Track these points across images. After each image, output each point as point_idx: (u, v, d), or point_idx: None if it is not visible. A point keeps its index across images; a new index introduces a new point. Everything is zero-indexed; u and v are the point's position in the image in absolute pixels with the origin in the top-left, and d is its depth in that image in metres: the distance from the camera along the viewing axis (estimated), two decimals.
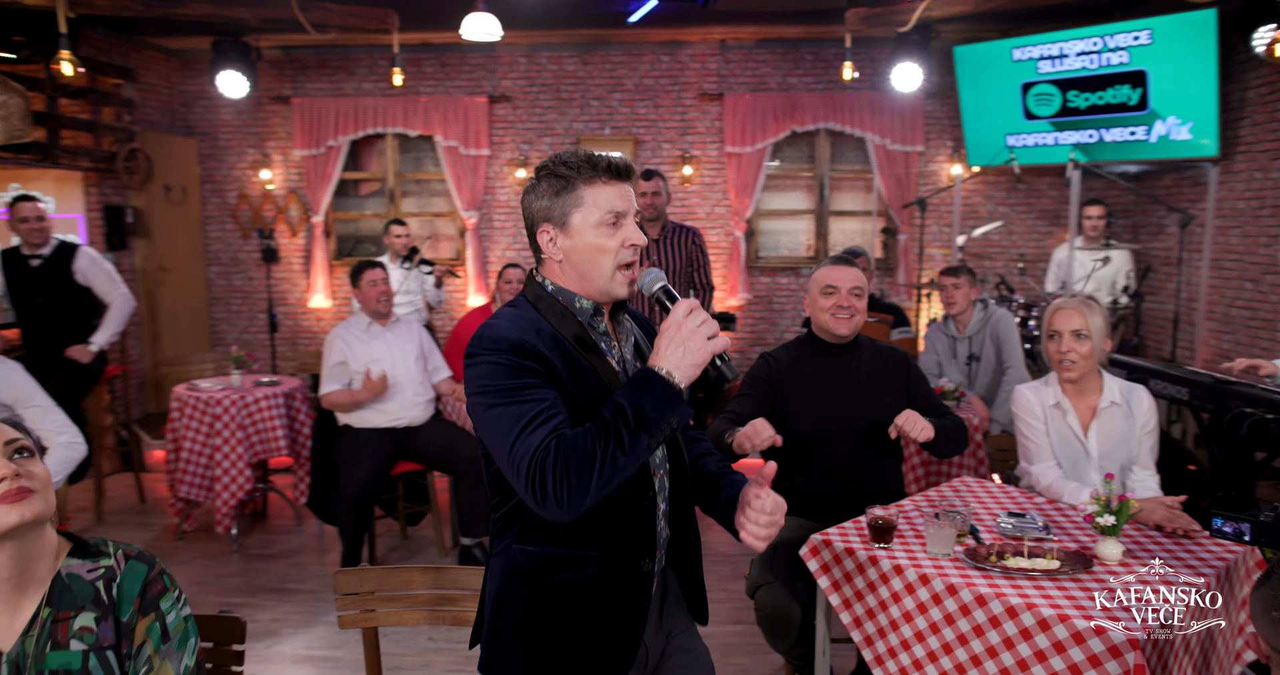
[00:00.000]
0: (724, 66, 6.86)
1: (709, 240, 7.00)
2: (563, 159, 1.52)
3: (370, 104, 6.86)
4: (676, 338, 1.41)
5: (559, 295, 1.55)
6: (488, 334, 1.47)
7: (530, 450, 1.36)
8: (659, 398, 1.37)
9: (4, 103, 4.86)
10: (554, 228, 1.52)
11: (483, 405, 1.44)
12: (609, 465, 1.34)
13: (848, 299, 2.72)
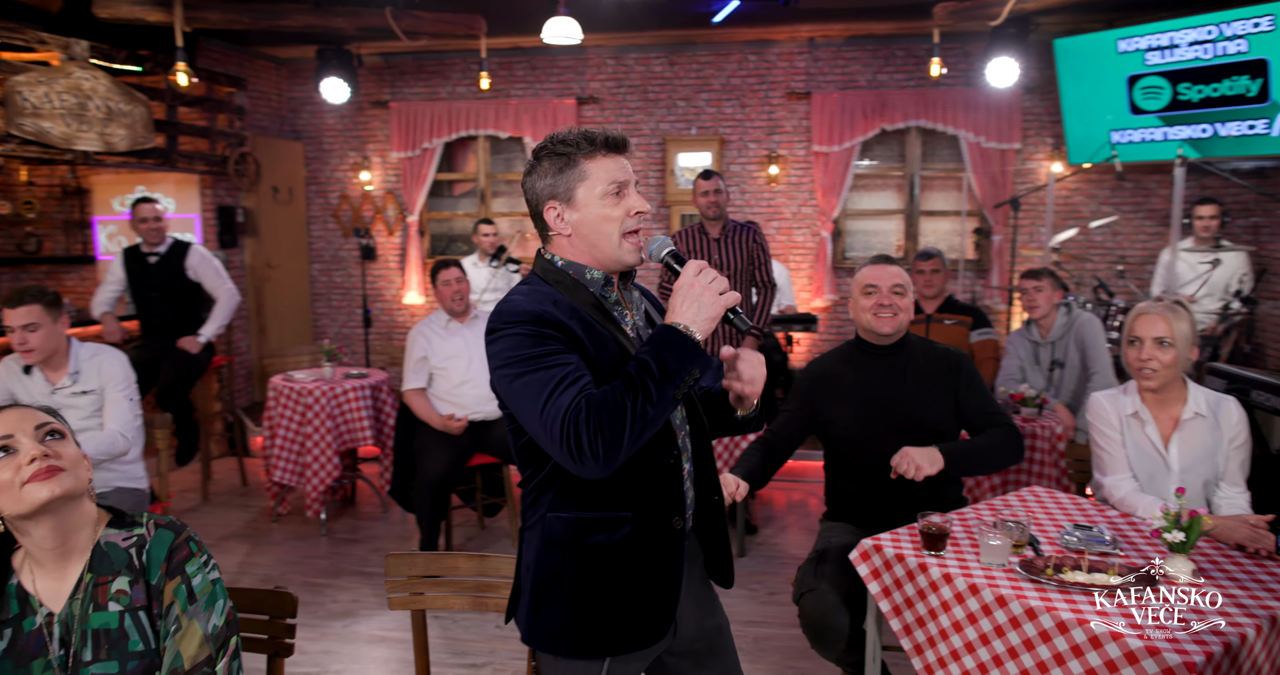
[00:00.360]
0: (812, 65, 6.77)
1: (794, 240, 6.93)
2: (560, 138, 1.57)
3: (463, 107, 7.08)
4: (690, 295, 1.47)
5: (569, 269, 1.60)
6: (506, 309, 1.52)
7: (562, 409, 1.40)
8: (680, 350, 1.43)
9: (129, 112, 5.25)
10: (560, 203, 1.57)
11: (509, 376, 1.48)
12: (639, 418, 1.40)
13: (889, 297, 2.66)
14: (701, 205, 4.58)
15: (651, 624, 1.61)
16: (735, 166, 6.95)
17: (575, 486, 1.55)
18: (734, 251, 4.63)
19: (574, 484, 1.55)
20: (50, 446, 1.51)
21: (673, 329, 1.45)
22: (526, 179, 1.61)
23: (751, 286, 4.75)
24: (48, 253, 6.51)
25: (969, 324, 4.44)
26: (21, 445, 1.49)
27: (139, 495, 3.32)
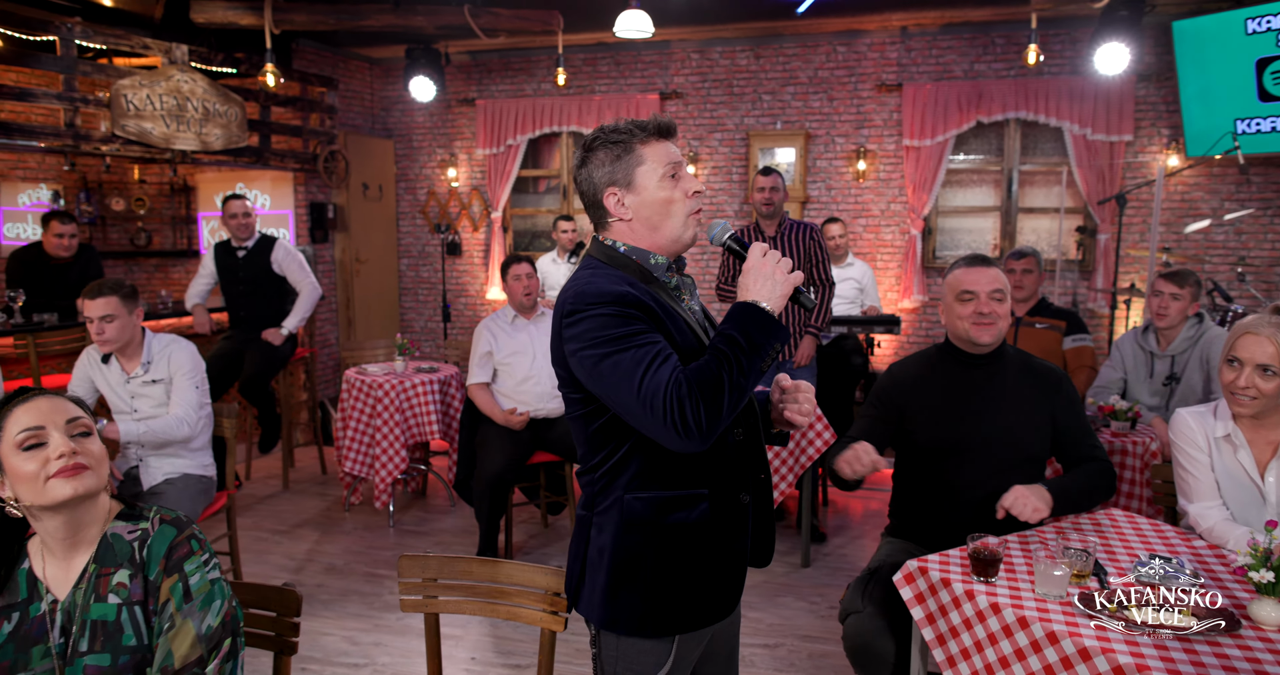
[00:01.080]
0: (904, 55, 6.48)
1: (882, 239, 6.66)
2: (611, 128, 1.64)
3: (547, 104, 7.10)
4: (761, 273, 1.56)
5: (633, 254, 1.64)
6: (588, 291, 1.54)
7: (663, 384, 1.44)
8: (762, 325, 1.51)
9: (225, 112, 5.47)
10: (620, 189, 1.62)
11: (596, 357, 1.50)
12: (735, 389, 1.46)
13: (988, 304, 2.44)
14: (756, 201, 4.48)
15: (721, 600, 1.68)
16: (821, 162, 6.73)
17: (654, 466, 1.59)
18: (791, 249, 4.50)
19: (653, 464, 1.59)
20: (79, 444, 1.52)
21: (751, 305, 1.53)
22: (581, 170, 1.66)
23: (809, 285, 4.58)
24: (156, 247, 6.88)
25: (1062, 329, 4.13)
26: (51, 439, 1.50)
27: (205, 482, 3.43)
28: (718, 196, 6.98)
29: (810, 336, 4.54)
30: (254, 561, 4.22)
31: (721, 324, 1.56)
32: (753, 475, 1.74)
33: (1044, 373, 2.49)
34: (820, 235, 4.55)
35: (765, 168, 4.48)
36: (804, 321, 4.55)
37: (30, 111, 5.42)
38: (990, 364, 2.51)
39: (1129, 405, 3.41)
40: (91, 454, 1.52)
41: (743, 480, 1.69)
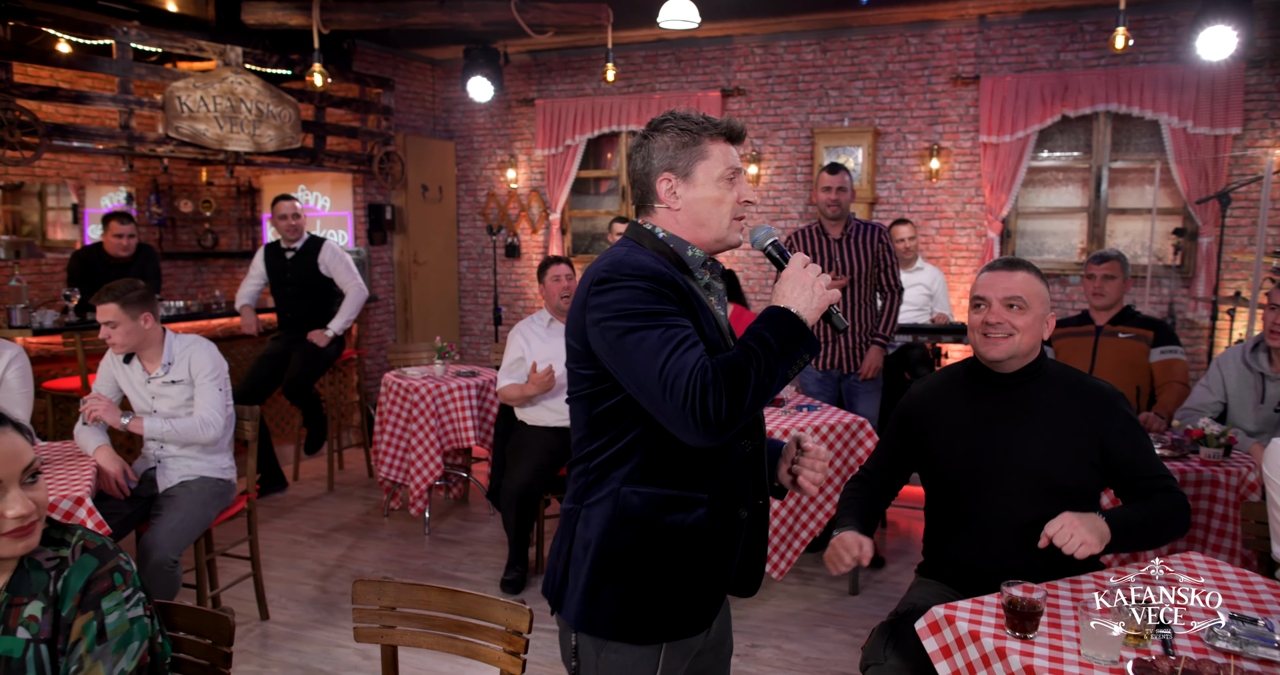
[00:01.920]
0: (982, 46, 6.06)
1: (956, 242, 6.24)
2: (686, 116, 1.61)
3: (606, 103, 6.94)
4: (800, 283, 1.52)
5: (670, 242, 1.61)
6: (628, 261, 1.50)
7: (688, 367, 1.39)
8: (793, 332, 1.47)
9: (278, 113, 5.49)
10: (676, 177, 1.59)
11: (621, 329, 1.45)
12: (759, 388, 1.42)
13: (999, 313, 2.11)
14: (822, 201, 4.16)
15: (703, 611, 1.61)
16: (892, 160, 6.36)
17: (657, 460, 1.54)
18: (857, 253, 4.17)
19: (657, 457, 1.54)
20: (31, 493, 1.40)
21: (786, 311, 1.50)
22: (641, 148, 1.62)
23: (876, 291, 4.26)
24: (223, 248, 7.01)
25: (1149, 339, 3.71)
26: (8, 496, 1.37)
27: (222, 485, 3.36)
28: (781, 197, 6.69)
29: (877, 347, 4.22)
30: (286, 566, 4.16)
31: (754, 323, 1.51)
32: (753, 493, 1.66)
33: (1093, 393, 2.14)
34: (889, 238, 4.24)
35: (832, 165, 4.18)
36: (869, 330, 4.23)
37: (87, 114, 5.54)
38: (1022, 383, 2.17)
39: (1222, 429, 3.00)
40: (40, 502, 1.41)
41: (743, 495, 1.63)
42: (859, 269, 4.16)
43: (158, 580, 3.03)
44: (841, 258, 4.17)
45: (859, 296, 4.21)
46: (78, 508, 2.74)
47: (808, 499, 3.73)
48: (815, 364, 4.28)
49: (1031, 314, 2.12)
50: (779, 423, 3.63)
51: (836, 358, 4.26)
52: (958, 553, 2.21)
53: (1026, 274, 2.15)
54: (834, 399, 4.33)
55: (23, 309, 4.36)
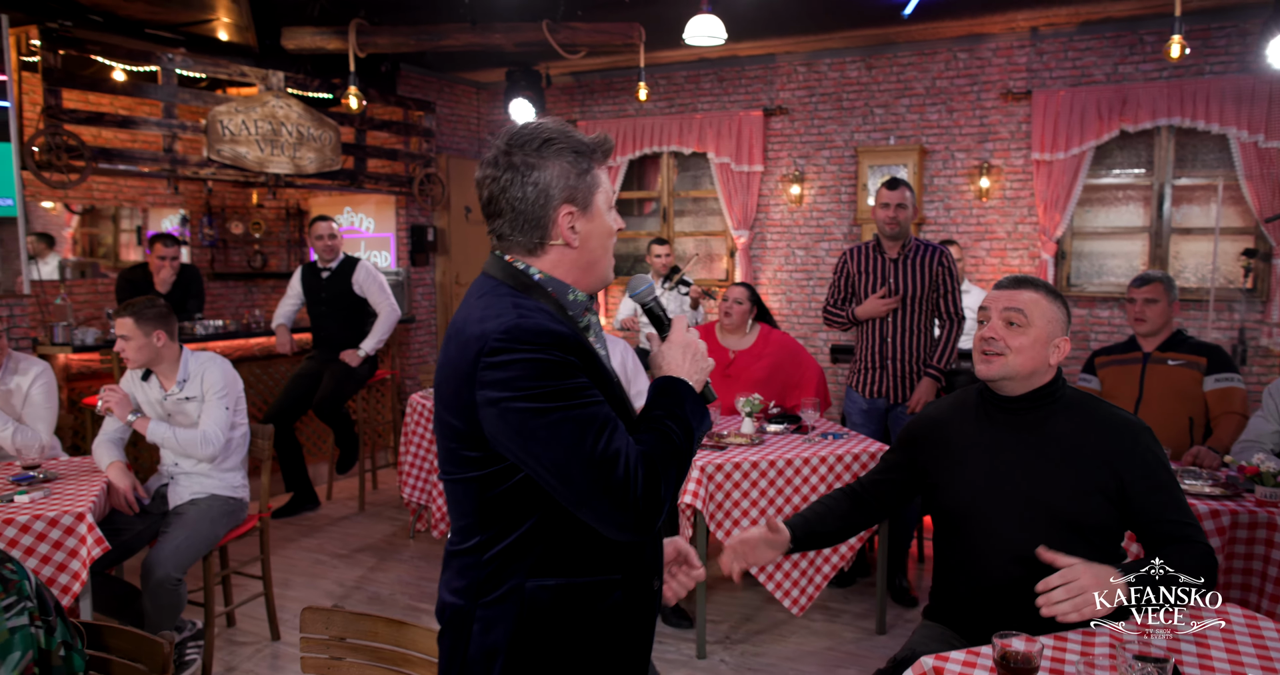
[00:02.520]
0: (1035, 59, 5.82)
1: (1008, 264, 5.98)
2: (572, 134, 1.39)
3: (648, 123, 6.90)
4: (689, 352, 1.42)
5: (549, 285, 1.40)
6: (523, 325, 1.27)
7: (620, 455, 1.25)
8: (696, 405, 1.38)
9: (319, 136, 5.59)
10: (577, 210, 1.37)
11: (532, 412, 1.24)
12: (681, 473, 1.33)
13: (996, 329, 1.95)
14: (880, 219, 3.89)
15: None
16: (940, 179, 6.15)
17: (563, 547, 1.35)
18: (914, 276, 3.90)
19: (561, 545, 1.35)
20: None
21: (683, 383, 1.39)
22: (522, 172, 1.35)
23: (933, 318, 4.00)
24: (272, 269, 7.16)
25: (1202, 367, 3.44)
26: None
27: (232, 504, 3.36)
28: (825, 218, 6.52)
29: (930, 379, 3.90)
30: (305, 585, 4.15)
31: (656, 397, 1.39)
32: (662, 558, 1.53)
33: (1113, 422, 1.95)
34: (950, 261, 3.93)
35: (892, 179, 3.91)
36: (923, 359, 3.95)
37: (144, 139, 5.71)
38: (1034, 407, 1.99)
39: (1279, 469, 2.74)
40: None
41: (656, 564, 1.48)
42: (915, 292, 3.90)
43: (159, 598, 3.03)
44: (897, 279, 3.92)
45: (913, 322, 3.94)
46: (78, 524, 2.76)
47: None
48: (861, 390, 4.03)
49: (1032, 335, 1.94)
50: (799, 451, 3.47)
51: (884, 385, 3.98)
52: (962, 593, 2.04)
53: (1036, 293, 1.98)
54: (878, 430, 4.07)
55: (65, 327, 4.49)
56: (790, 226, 6.66)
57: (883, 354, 3.98)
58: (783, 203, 6.66)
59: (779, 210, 6.68)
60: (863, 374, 4.04)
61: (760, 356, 4.17)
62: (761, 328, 4.26)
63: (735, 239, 6.74)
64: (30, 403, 3.40)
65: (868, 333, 4.00)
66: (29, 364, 3.45)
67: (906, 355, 3.95)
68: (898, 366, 3.96)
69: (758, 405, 3.75)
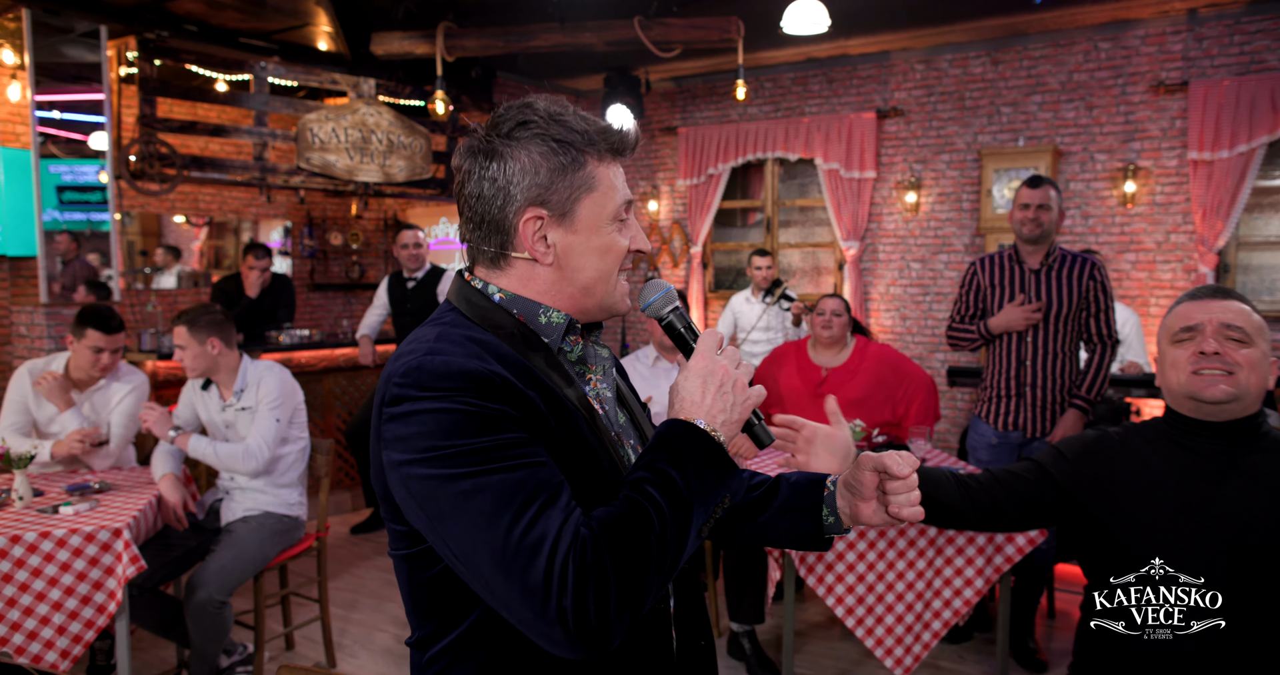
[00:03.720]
0: (1192, 46, 5.13)
1: (1157, 278, 5.28)
2: (554, 115, 1.06)
3: (752, 128, 6.52)
4: (717, 380, 1.02)
5: (513, 306, 1.09)
6: (427, 366, 0.97)
7: (547, 543, 0.89)
8: (711, 462, 0.98)
9: (409, 144, 5.49)
10: (550, 215, 1.06)
11: (431, 479, 0.93)
12: (666, 563, 0.94)
13: (1218, 341, 1.59)
14: (1017, 221, 3.37)
15: None
16: (1076, 184, 5.51)
17: (511, 659, 1.02)
18: (1060, 289, 3.34)
19: (509, 655, 1.03)
20: None
21: (696, 429, 0.99)
22: (482, 162, 1.06)
23: (1080, 340, 3.43)
24: (370, 280, 7.16)
25: None
26: None
27: (286, 522, 3.18)
28: (944, 228, 5.97)
29: (1077, 411, 3.34)
30: (371, 608, 3.96)
31: (650, 450, 1.00)
32: (687, 641, 1.14)
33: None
34: (1104, 276, 3.35)
35: (1034, 177, 3.40)
36: (1067, 388, 3.39)
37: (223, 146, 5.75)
38: (1238, 437, 1.61)
39: None
40: None
41: (661, 662, 1.10)
42: (1060, 309, 3.34)
43: (202, 621, 2.86)
44: (1039, 293, 3.37)
45: (1057, 344, 3.38)
46: (115, 540, 2.61)
47: (942, 581, 3.07)
48: (991, 420, 3.50)
49: (1259, 350, 1.60)
50: None
51: (1020, 416, 3.43)
52: (1128, 657, 1.59)
53: (1244, 305, 1.64)
54: None
55: (152, 334, 4.49)
56: (905, 237, 6.13)
57: (1020, 380, 3.42)
58: (897, 211, 6.14)
59: (893, 220, 6.17)
60: (994, 403, 3.49)
61: (856, 372, 3.71)
62: (858, 340, 3.80)
63: (844, 251, 6.27)
64: (116, 413, 3.34)
65: (1001, 354, 3.46)
66: (130, 374, 3.41)
67: (1048, 382, 3.39)
68: (1037, 395, 3.40)
69: (859, 434, 3.30)
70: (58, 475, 3.23)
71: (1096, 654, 1.67)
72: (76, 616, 2.59)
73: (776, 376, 3.79)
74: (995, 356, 3.47)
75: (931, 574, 3.07)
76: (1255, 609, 1.52)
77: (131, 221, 6.11)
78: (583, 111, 1.09)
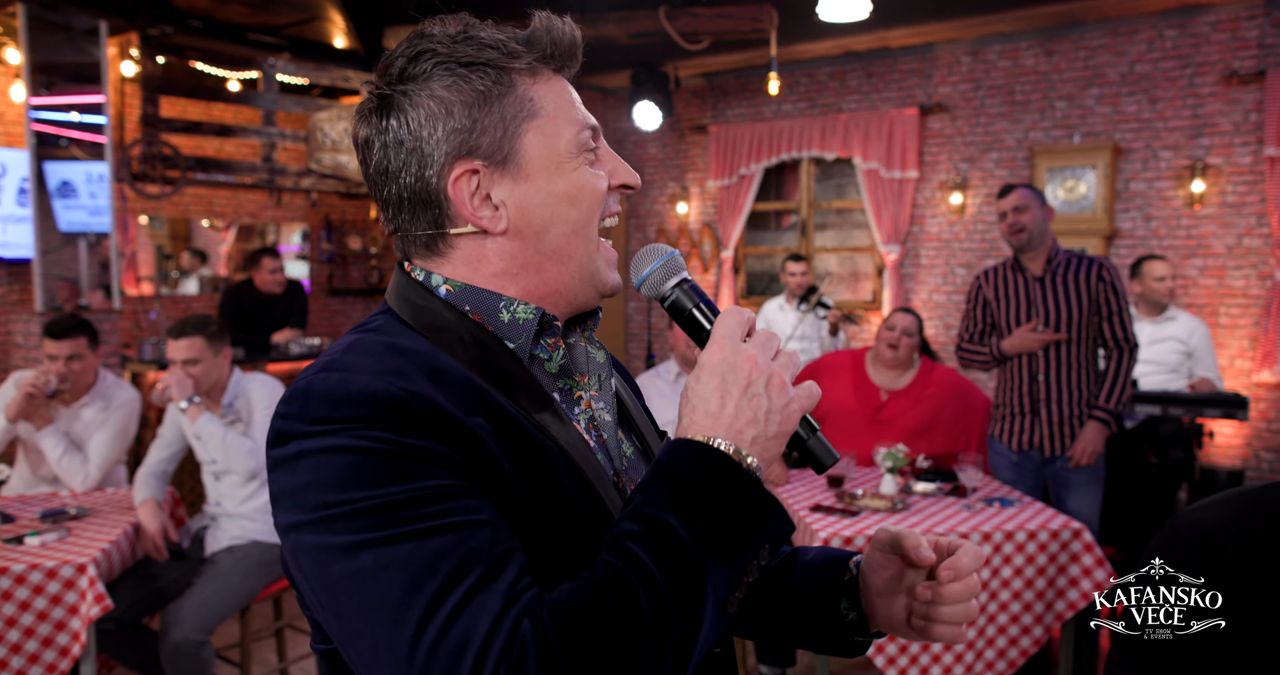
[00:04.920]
0: (1270, 32, 4.72)
1: (1228, 285, 4.87)
2: (462, 34, 0.79)
3: (786, 126, 6.20)
4: (743, 378, 0.72)
5: (465, 301, 0.81)
6: (320, 390, 0.70)
7: (472, 648, 0.61)
8: (734, 500, 0.68)
9: None
10: (487, 166, 0.79)
11: (326, 549, 0.67)
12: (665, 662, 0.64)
13: None
14: (1003, 233, 3.22)
15: None
16: (1138, 183, 5.11)
17: None
18: (1068, 295, 3.13)
19: None
20: None
21: (708, 451, 0.69)
22: (386, 121, 0.79)
23: (1097, 347, 3.18)
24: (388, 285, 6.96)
25: None
26: None
27: (276, 552, 2.94)
28: (991, 231, 5.60)
29: (1097, 423, 3.10)
30: None
31: (640, 488, 0.71)
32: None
33: None
34: (1114, 275, 3.14)
35: (1003, 186, 3.25)
36: (1085, 399, 3.14)
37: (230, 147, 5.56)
38: None
39: None
40: None
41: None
42: (1072, 317, 3.11)
43: (179, 663, 2.63)
44: (1045, 302, 3.14)
45: (1072, 355, 3.15)
46: (79, 576, 2.38)
47: (996, 629, 2.74)
48: (1006, 440, 3.24)
49: None
50: (956, 523, 2.68)
51: (1036, 435, 3.20)
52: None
53: None
54: (1034, 490, 3.26)
55: (153, 343, 4.30)
56: (949, 241, 5.77)
57: (1034, 396, 3.19)
58: (941, 214, 5.78)
59: (936, 222, 5.81)
60: (1008, 421, 3.25)
61: (920, 399, 3.35)
62: (923, 361, 3.45)
63: (884, 255, 5.92)
64: (100, 430, 3.13)
65: (1013, 370, 3.25)
66: (118, 390, 3.21)
67: (1064, 396, 3.15)
68: (1053, 411, 3.17)
69: (902, 459, 2.98)
70: (37, 498, 3.03)
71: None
72: (37, 660, 2.37)
73: (827, 390, 3.45)
74: (1006, 372, 3.28)
75: (984, 621, 2.74)
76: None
77: (161, 225, 5.98)
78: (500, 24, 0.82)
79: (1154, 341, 4.08)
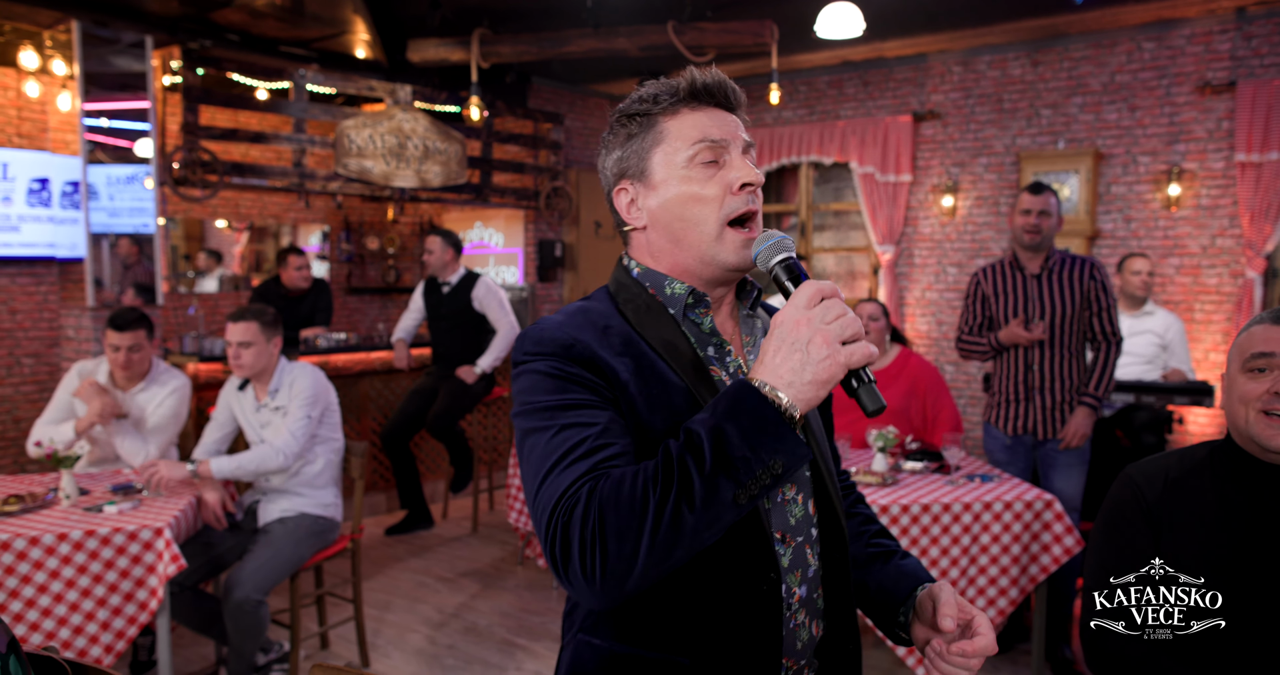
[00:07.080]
0: (1241, 45, 5.01)
1: (1202, 283, 5.16)
2: (636, 94, 1.16)
3: (787, 132, 6.50)
4: (791, 336, 0.95)
5: (646, 280, 1.16)
6: (531, 335, 1.10)
7: (555, 496, 0.96)
8: (754, 426, 0.92)
9: (444, 150, 5.55)
10: (633, 183, 1.15)
11: (522, 429, 1.06)
12: (668, 526, 0.91)
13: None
14: (1018, 227, 3.39)
15: None
16: (1118, 187, 5.40)
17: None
18: (1061, 293, 3.38)
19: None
20: None
21: (750, 389, 0.94)
22: (599, 160, 1.23)
23: (1085, 341, 3.46)
24: (405, 284, 7.25)
25: None
26: None
27: (322, 523, 3.23)
28: (981, 232, 5.89)
29: (1085, 409, 3.36)
30: (405, 609, 3.99)
31: (703, 412, 0.98)
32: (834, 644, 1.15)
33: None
34: (1104, 275, 3.41)
35: (1035, 184, 3.44)
36: (1076, 387, 3.42)
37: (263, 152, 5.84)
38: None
39: None
40: None
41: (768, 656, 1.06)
42: (1064, 312, 3.37)
43: (240, 620, 2.91)
44: (1040, 298, 3.40)
45: (1063, 346, 3.41)
46: (156, 539, 2.67)
47: (975, 590, 3.02)
48: (1002, 425, 3.54)
49: None
50: (941, 495, 2.97)
51: (1030, 420, 3.46)
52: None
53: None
54: (1025, 471, 3.54)
55: (194, 337, 4.58)
56: (941, 241, 6.06)
57: (1028, 384, 3.46)
58: (933, 215, 6.08)
59: (929, 224, 6.10)
60: (1004, 407, 3.52)
61: (896, 379, 3.69)
62: (901, 349, 3.78)
63: (879, 255, 6.21)
64: (155, 415, 3.42)
65: (1009, 360, 3.51)
66: (169, 376, 3.48)
67: (1057, 384, 3.42)
68: (1046, 398, 3.43)
69: (892, 439, 3.27)
70: (103, 475, 3.31)
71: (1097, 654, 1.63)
72: (120, 613, 2.66)
73: None
74: (1004, 363, 3.53)
75: (965, 583, 3.03)
76: (1255, 609, 1.47)
77: (176, 226, 6.26)
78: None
79: (1131, 334, 4.36)
